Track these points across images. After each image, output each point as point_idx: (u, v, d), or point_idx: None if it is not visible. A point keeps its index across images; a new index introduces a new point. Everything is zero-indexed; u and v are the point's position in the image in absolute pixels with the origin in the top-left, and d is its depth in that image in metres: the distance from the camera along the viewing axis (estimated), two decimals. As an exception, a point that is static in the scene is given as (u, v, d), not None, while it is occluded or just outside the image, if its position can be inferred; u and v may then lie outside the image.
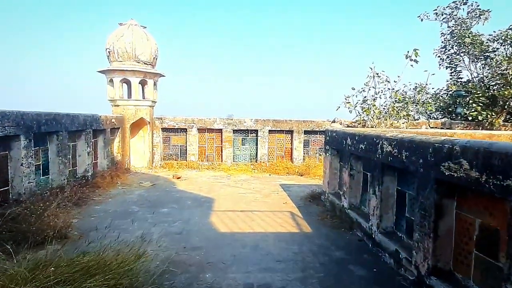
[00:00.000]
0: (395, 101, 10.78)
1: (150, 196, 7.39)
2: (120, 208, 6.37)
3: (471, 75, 12.63)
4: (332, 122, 11.39)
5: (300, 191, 8.23)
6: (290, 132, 11.47)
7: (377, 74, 10.71)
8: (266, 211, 6.41)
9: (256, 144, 11.40)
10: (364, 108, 10.84)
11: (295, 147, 11.32)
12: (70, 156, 7.45)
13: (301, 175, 10.57)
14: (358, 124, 11.48)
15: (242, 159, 11.52)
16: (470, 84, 12.40)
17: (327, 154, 7.03)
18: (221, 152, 11.35)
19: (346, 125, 11.43)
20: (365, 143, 4.87)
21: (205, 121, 11.18)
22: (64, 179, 6.73)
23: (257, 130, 11.28)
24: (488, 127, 10.86)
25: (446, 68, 13.22)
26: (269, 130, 11.32)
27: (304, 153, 11.47)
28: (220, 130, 11.31)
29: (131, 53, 10.16)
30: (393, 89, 10.62)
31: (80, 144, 7.73)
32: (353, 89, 11.13)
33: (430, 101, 10.86)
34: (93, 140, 8.52)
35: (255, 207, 6.72)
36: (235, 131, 11.36)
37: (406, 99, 11.16)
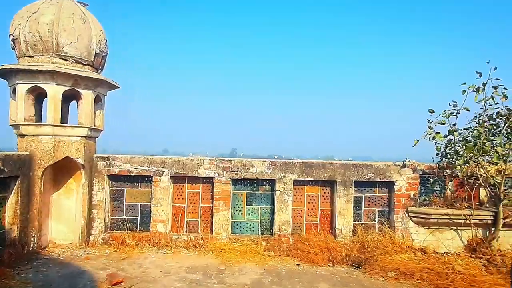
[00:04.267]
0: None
1: None
2: None
3: None
4: (401, 167, 6.64)
5: None
6: (331, 183, 6.69)
7: (483, 85, 6.13)
8: None
9: (272, 204, 6.60)
10: (468, 144, 6.14)
11: (340, 209, 6.51)
12: None
13: (358, 267, 5.68)
14: (443, 170, 6.75)
15: (248, 229, 6.67)
16: None
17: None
18: (211, 217, 6.54)
19: (421, 171, 6.69)
20: None
21: (184, 164, 6.46)
22: None
23: (274, 180, 6.52)
24: None
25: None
26: (295, 180, 6.56)
27: (355, 220, 6.62)
28: (210, 180, 6.57)
29: (50, 42, 5.66)
30: (518, 110, 5.97)
31: None
32: (432, 112, 6.51)
33: None
34: None
35: None
36: (236, 182, 6.61)
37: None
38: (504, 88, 6.03)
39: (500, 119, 6.31)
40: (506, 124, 6.15)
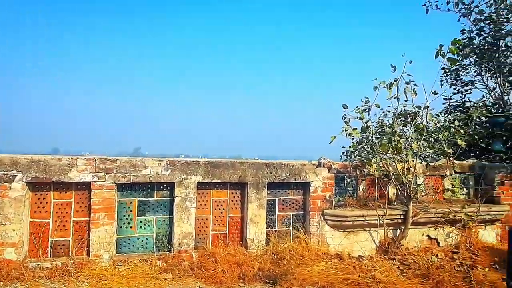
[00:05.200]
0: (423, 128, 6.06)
1: None
2: None
3: (489, 93, 8.91)
4: (317, 166, 6.08)
5: None
6: (241, 186, 5.76)
7: (395, 80, 5.93)
8: None
9: (171, 213, 5.36)
10: (383, 141, 5.84)
11: (251, 216, 5.62)
12: None
13: (273, 283, 4.82)
14: (356, 168, 6.46)
15: (139, 247, 5.30)
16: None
17: None
18: (88, 234, 4.98)
19: (335, 170, 6.26)
20: None
21: (47, 165, 4.77)
22: None
23: (173, 184, 5.29)
24: None
25: (450, 86, 9.37)
26: (199, 183, 5.44)
27: (268, 227, 5.80)
28: (86, 185, 5.00)
29: None
30: (427, 107, 5.90)
31: None
32: (346, 107, 6.15)
33: (461, 131, 6.37)
34: None
35: None
36: (123, 187, 5.19)
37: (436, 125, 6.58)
38: (415, 85, 5.90)
39: (409, 116, 6.21)
40: (413, 122, 6.08)
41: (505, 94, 8.10)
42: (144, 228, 5.30)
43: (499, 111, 7.97)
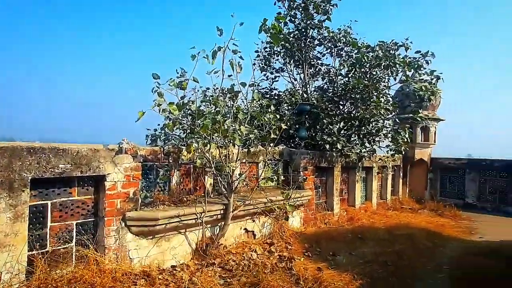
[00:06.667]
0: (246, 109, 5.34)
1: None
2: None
3: (293, 83, 9.27)
4: (117, 153, 4.31)
5: None
6: (-23, 186, 3.32)
7: (219, 49, 4.87)
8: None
9: None
10: (206, 122, 4.64)
11: (-2, 235, 3.31)
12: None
13: None
14: (169, 155, 5.17)
15: None
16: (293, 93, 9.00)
17: None
18: None
19: (142, 157, 4.71)
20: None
21: None
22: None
23: None
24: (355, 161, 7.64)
25: (261, 71, 9.27)
26: None
27: (34, 249, 3.62)
28: None
29: None
30: (255, 84, 5.13)
31: None
32: (157, 77, 4.72)
33: (277, 116, 6.11)
34: None
35: None
36: None
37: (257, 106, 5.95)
38: (240, 57, 5.00)
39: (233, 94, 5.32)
40: (234, 103, 5.24)
41: (308, 84, 8.65)
42: None
43: (302, 100, 8.35)
